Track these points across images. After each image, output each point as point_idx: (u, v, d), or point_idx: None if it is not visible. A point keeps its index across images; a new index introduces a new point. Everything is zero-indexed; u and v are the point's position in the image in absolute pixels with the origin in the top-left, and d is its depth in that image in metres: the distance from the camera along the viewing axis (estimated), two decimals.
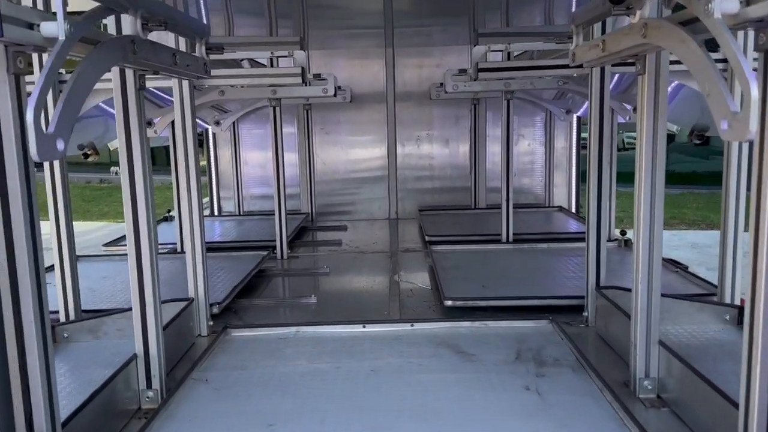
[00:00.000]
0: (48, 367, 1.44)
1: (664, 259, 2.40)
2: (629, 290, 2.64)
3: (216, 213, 6.08)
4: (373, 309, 3.18)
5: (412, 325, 2.71)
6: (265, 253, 4.13)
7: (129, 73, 2.05)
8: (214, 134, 6.02)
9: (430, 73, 5.84)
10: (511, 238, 4.39)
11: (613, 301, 2.59)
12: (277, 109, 4.30)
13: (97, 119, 4.35)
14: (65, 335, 2.71)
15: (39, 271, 1.42)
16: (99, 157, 4.18)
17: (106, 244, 4.66)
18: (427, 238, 4.60)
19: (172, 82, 2.72)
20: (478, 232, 4.78)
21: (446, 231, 4.85)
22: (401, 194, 5.98)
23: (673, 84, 3.88)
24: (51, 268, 2.85)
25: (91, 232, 10.57)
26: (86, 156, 4.03)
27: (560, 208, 5.77)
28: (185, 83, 2.71)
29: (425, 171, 5.99)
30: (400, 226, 5.66)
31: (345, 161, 5.97)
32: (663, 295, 2.14)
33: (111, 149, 4.79)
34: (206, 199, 6.83)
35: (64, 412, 1.65)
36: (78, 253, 3.06)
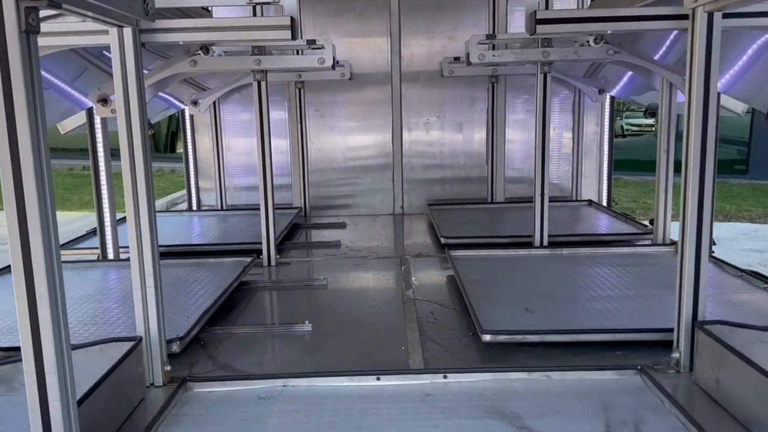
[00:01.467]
0: None
1: None
2: (744, 327, 1.91)
3: (194, 207, 5.30)
4: (387, 342, 2.43)
5: (444, 377, 1.97)
6: (248, 260, 3.37)
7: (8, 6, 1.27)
8: (191, 116, 5.22)
9: (442, 46, 5.05)
10: (545, 242, 3.65)
11: (726, 343, 1.85)
12: (263, 84, 3.51)
13: None
14: None
15: None
16: None
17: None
18: (442, 240, 3.84)
19: (110, 35, 1.93)
20: (503, 232, 4.03)
21: (464, 231, 4.10)
22: (408, 186, 5.22)
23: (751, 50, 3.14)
24: None
25: (70, 223, 9.78)
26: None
27: (590, 202, 5.02)
28: (126, 34, 1.92)
29: (435, 159, 5.22)
30: (407, 223, 4.90)
31: (343, 148, 5.19)
32: None
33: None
34: (182, 192, 6.09)
35: None
36: None
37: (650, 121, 20.61)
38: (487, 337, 2.27)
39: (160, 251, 3.74)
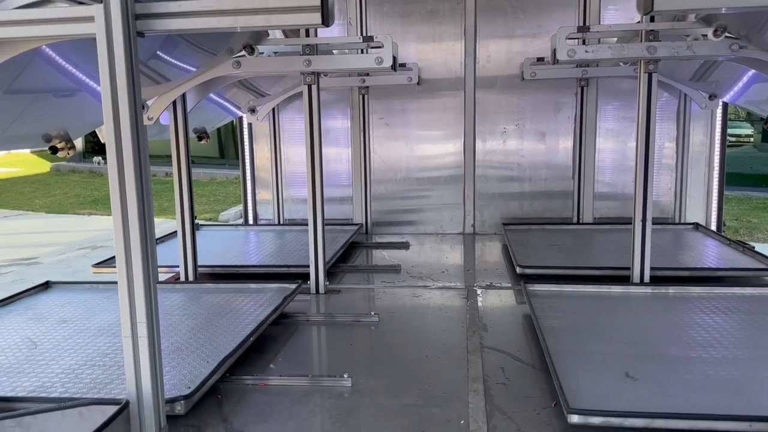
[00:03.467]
0: None
1: None
2: None
3: (251, 221, 4.97)
4: (442, 411, 1.91)
5: None
6: (292, 287, 2.95)
7: None
8: (249, 124, 4.90)
9: (523, 46, 4.48)
10: (646, 277, 3.01)
11: None
12: (314, 88, 3.09)
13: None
14: None
15: None
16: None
17: (97, 265, 3.61)
18: (518, 270, 3.28)
19: (95, 22, 1.53)
20: (593, 262, 3.43)
21: (545, 259, 3.52)
22: (480, 202, 4.66)
23: None
24: None
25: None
26: (54, 150, 2.96)
27: (696, 226, 4.29)
28: (115, 19, 1.51)
29: (512, 171, 4.64)
30: (478, 244, 4.34)
31: (408, 158, 4.71)
32: None
33: None
34: (239, 207, 5.81)
35: None
36: None
37: (749, 131, 18.86)
38: (574, 419, 1.71)
39: (201, 271, 3.45)
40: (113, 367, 2.14)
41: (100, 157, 18.39)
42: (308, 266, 3.24)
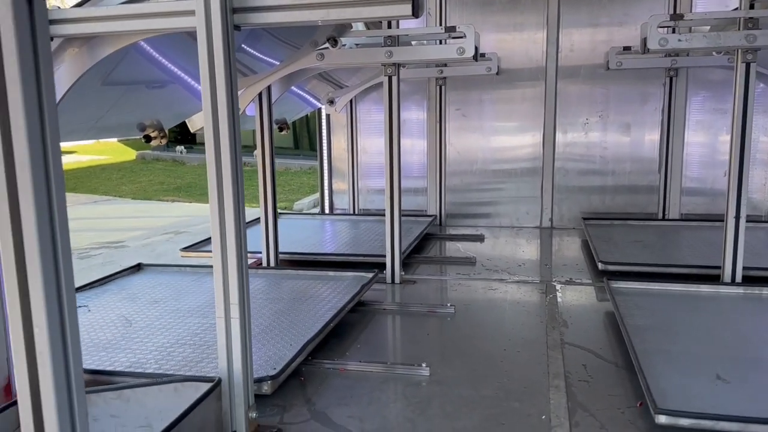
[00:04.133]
0: None
1: None
2: None
3: (327, 211, 5.06)
4: (522, 405, 1.89)
5: None
6: (368, 276, 2.99)
7: None
8: (328, 116, 4.99)
9: (609, 34, 4.34)
10: (738, 277, 2.86)
11: None
12: (394, 79, 3.10)
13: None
14: None
15: None
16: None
17: (184, 249, 3.78)
18: (600, 266, 3.19)
19: (195, 16, 1.61)
20: (680, 260, 3.29)
21: (629, 255, 3.41)
22: (559, 195, 4.56)
23: None
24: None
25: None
26: (148, 139, 3.12)
27: None
28: (215, 14, 1.58)
29: (594, 165, 4.51)
30: (556, 239, 4.26)
31: (485, 149, 4.66)
32: None
33: None
34: (313, 197, 5.90)
35: None
36: None
37: None
38: (662, 419, 1.66)
39: (281, 258, 3.55)
40: (203, 347, 2.24)
41: (182, 147, 19.17)
42: (384, 256, 3.28)
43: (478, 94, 4.59)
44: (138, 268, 3.32)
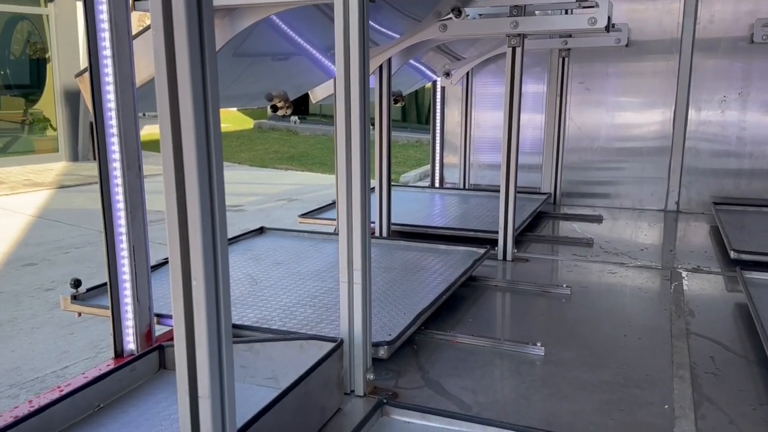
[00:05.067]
0: None
1: None
2: None
3: (437, 184, 5.07)
4: (644, 392, 1.83)
5: None
6: (480, 252, 2.98)
7: None
8: (443, 88, 4.95)
9: (755, 5, 3.96)
10: None
11: None
12: (518, 50, 3.02)
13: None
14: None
15: None
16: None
17: (302, 215, 3.94)
18: (733, 255, 2.98)
19: None
20: None
21: (765, 245, 3.15)
22: (688, 177, 4.28)
23: None
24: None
25: (327, 188, 10.53)
26: (275, 109, 3.26)
27: None
28: None
29: (729, 146, 4.18)
30: (682, 224, 4.01)
31: (608, 126, 4.44)
32: None
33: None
34: (420, 170, 5.88)
35: None
36: None
37: None
38: None
39: (392, 228, 3.61)
40: (322, 308, 2.35)
41: (296, 117, 19.83)
42: (495, 232, 3.25)
43: (603, 66, 4.37)
44: (261, 231, 3.50)
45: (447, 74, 4.63)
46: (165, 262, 2.66)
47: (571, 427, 1.62)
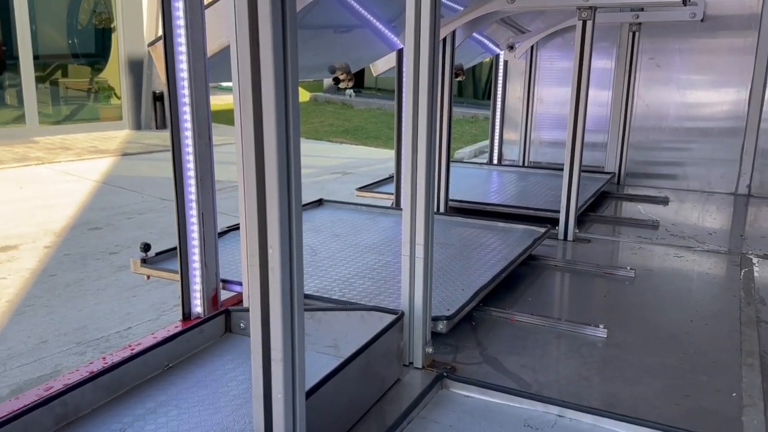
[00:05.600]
0: None
1: None
2: None
3: (495, 161, 4.99)
4: (710, 379, 1.78)
5: None
6: (541, 231, 2.93)
7: None
8: (505, 62, 4.84)
9: None
10: None
11: None
12: (588, 24, 2.92)
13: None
14: (241, 325, 1.98)
15: None
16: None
17: (360, 189, 3.96)
18: None
19: None
20: None
21: None
22: (763, 160, 4.08)
23: None
24: None
25: (390, 161, 10.53)
26: (337, 81, 3.26)
27: None
28: None
29: None
30: (753, 208, 3.84)
31: (678, 104, 4.26)
32: None
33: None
34: (474, 146, 5.78)
35: None
36: None
37: None
38: None
39: (450, 205, 3.59)
40: (380, 281, 2.37)
41: (351, 91, 19.82)
42: (555, 211, 3.19)
43: (676, 42, 4.18)
44: (319, 203, 3.54)
45: (510, 48, 4.53)
46: (228, 230, 2.73)
47: (633, 410, 1.59)
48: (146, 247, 2.38)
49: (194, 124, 1.88)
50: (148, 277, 2.41)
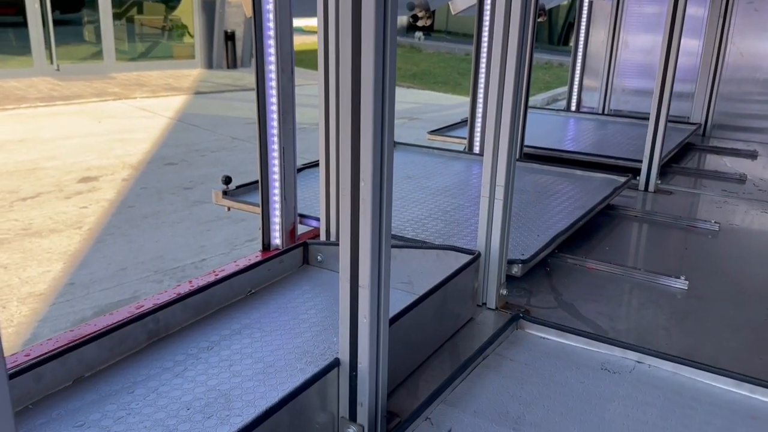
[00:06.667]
0: None
1: None
2: None
3: (573, 108, 4.82)
4: None
5: None
6: (621, 180, 2.84)
7: None
8: (590, 5, 4.61)
9: None
10: None
11: None
12: None
13: None
14: (318, 258, 2.03)
15: None
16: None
17: (432, 132, 3.93)
18: None
19: None
20: None
21: None
22: None
23: None
24: None
25: (458, 107, 10.36)
26: (415, 19, 3.19)
27: None
28: None
29: None
30: None
31: None
32: None
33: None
34: (551, 93, 5.59)
35: None
36: None
37: None
38: None
39: (525, 152, 3.52)
40: (453, 224, 2.37)
41: (421, 33, 19.41)
42: (636, 161, 3.07)
43: None
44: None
45: None
46: (303, 168, 2.77)
47: (714, 360, 1.56)
48: (227, 180, 2.45)
49: (278, 58, 1.90)
50: (229, 209, 2.50)
